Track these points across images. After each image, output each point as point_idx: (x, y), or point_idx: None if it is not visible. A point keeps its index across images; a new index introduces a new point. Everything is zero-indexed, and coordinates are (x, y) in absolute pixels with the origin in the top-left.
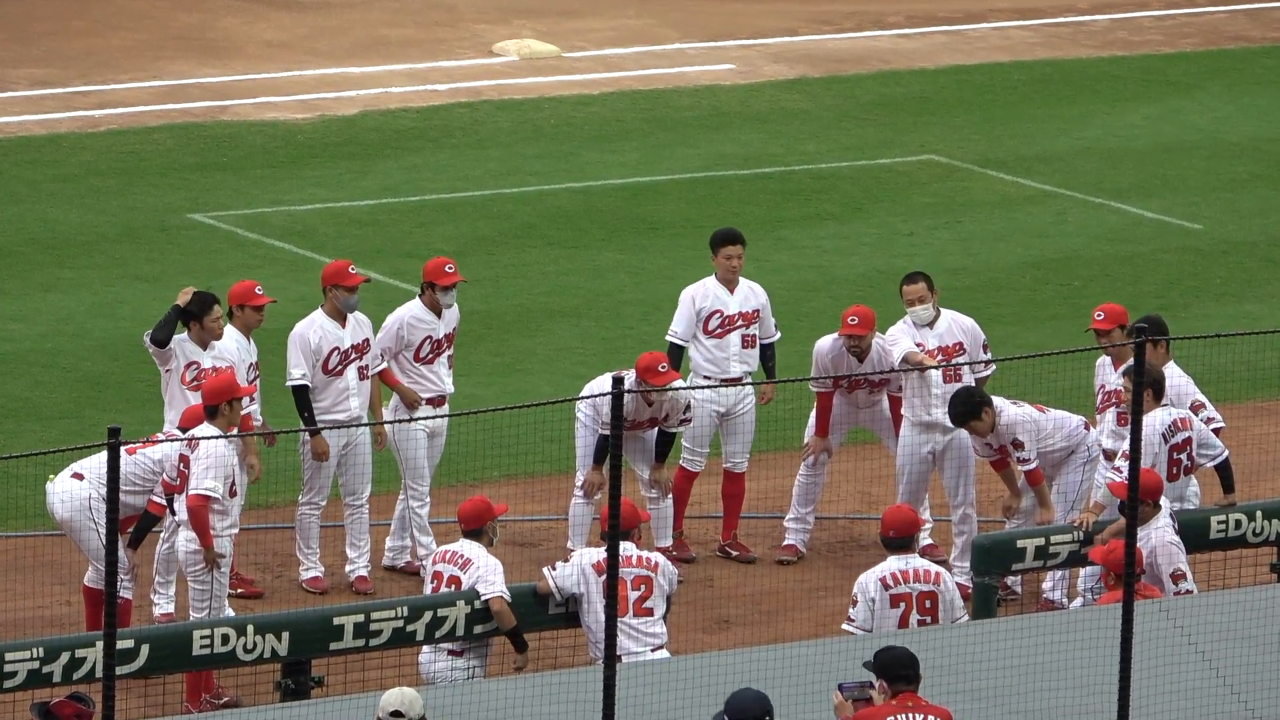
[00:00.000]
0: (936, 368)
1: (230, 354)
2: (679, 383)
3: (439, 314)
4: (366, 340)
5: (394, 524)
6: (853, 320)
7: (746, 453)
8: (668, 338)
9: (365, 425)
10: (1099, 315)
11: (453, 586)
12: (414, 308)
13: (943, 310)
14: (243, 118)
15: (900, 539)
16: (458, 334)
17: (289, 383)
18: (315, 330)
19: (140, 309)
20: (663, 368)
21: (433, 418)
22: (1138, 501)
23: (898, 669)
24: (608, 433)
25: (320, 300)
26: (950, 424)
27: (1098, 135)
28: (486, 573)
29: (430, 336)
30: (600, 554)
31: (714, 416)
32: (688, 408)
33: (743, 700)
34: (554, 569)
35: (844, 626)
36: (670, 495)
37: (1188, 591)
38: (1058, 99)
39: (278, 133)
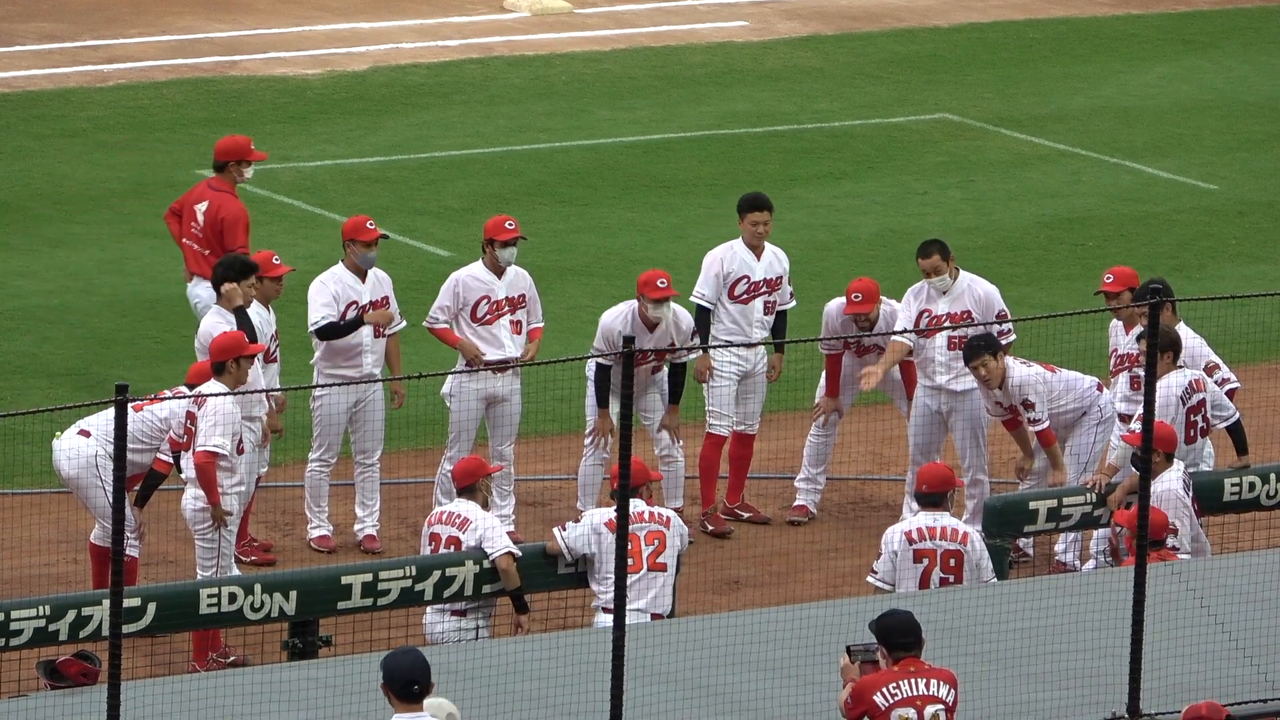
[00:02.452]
0: (940, 330)
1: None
2: (677, 305)
3: (499, 274)
4: (386, 298)
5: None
6: (856, 297)
7: (759, 415)
8: (693, 299)
9: (380, 381)
10: (1108, 278)
11: (452, 547)
12: (474, 267)
13: (963, 274)
14: (252, 73)
15: (933, 494)
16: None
17: (313, 328)
18: (335, 282)
19: (148, 265)
20: (661, 283)
21: (438, 375)
22: (1150, 462)
23: (897, 635)
24: (608, 364)
25: (338, 256)
26: (956, 389)
27: (1113, 94)
28: (489, 531)
29: (488, 297)
30: (611, 513)
31: (735, 379)
32: (694, 334)
33: (398, 661)
34: (564, 529)
35: (868, 579)
36: (680, 443)
37: (1173, 548)
38: (1073, 57)
39: (287, 88)
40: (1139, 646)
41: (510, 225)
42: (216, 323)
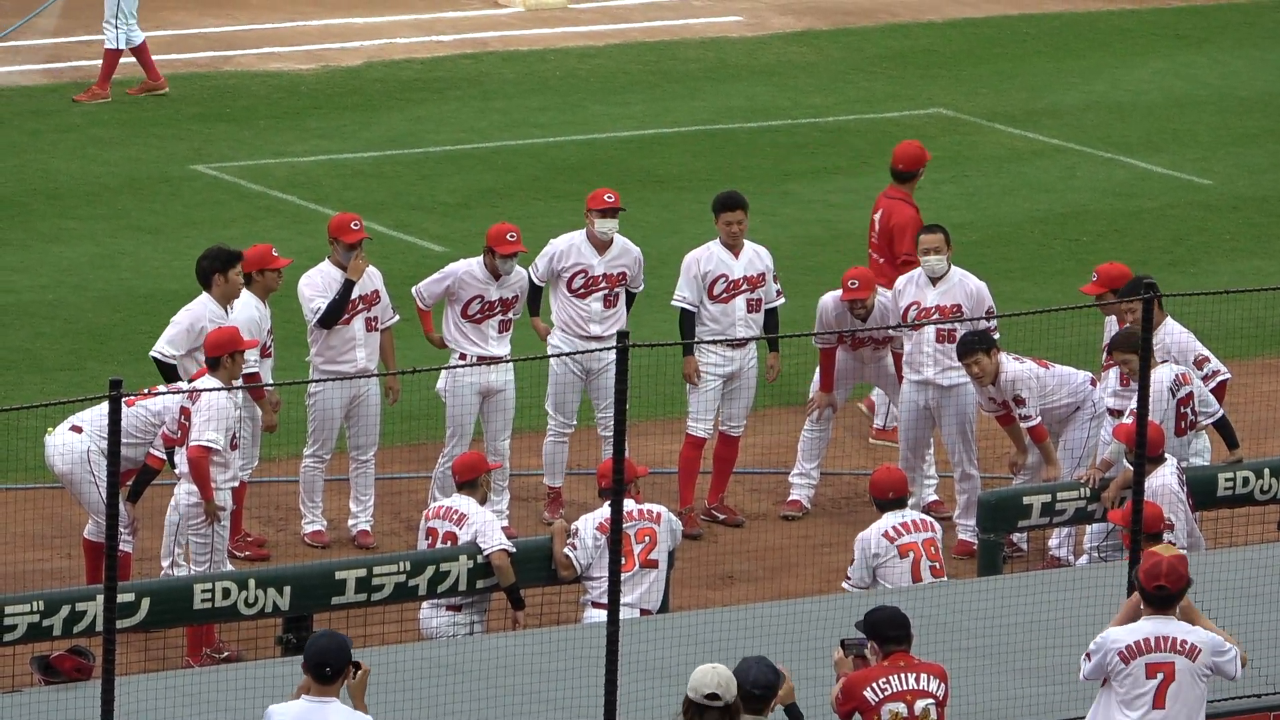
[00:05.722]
0: (929, 324)
1: (243, 320)
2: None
3: (496, 277)
4: (376, 292)
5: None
6: (853, 284)
7: (745, 417)
8: (674, 303)
9: (375, 375)
10: (1093, 277)
11: (448, 542)
12: (473, 264)
13: (954, 268)
14: (246, 68)
15: (898, 499)
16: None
17: (314, 320)
18: (322, 276)
19: (142, 261)
20: (609, 198)
21: (432, 370)
22: (1145, 458)
23: (888, 629)
24: (540, 285)
25: (326, 251)
26: (944, 384)
27: (1106, 89)
28: (484, 527)
29: (481, 296)
30: (601, 516)
31: (720, 381)
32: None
33: (315, 642)
34: (574, 550)
35: (843, 585)
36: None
37: (1170, 544)
38: (1066, 53)
39: (281, 83)
40: None
41: (511, 237)
42: (210, 312)
